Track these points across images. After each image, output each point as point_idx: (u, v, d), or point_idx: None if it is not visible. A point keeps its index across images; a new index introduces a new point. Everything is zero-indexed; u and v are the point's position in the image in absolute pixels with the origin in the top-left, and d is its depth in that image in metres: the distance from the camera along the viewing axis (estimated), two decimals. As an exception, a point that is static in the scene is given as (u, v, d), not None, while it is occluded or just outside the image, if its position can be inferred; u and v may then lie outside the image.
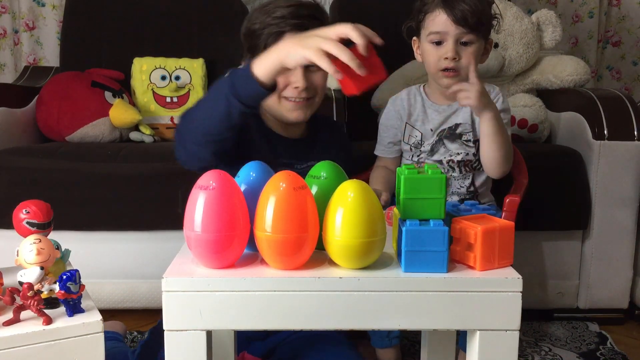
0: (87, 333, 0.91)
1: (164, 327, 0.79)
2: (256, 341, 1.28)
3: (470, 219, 0.83)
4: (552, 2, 2.83)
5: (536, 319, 1.86)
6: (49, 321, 0.90)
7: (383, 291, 0.78)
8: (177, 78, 2.19)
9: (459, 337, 1.38)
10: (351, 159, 1.47)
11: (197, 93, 2.18)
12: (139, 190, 1.72)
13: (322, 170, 0.88)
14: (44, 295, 0.92)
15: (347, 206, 0.77)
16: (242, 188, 0.86)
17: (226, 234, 0.79)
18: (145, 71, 2.19)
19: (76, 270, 0.93)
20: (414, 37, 1.47)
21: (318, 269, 0.81)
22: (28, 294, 0.89)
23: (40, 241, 0.98)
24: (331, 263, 0.82)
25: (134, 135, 2.12)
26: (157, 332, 1.34)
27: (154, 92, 2.19)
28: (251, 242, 0.82)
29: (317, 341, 1.24)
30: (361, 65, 0.87)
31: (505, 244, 0.82)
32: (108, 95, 2.10)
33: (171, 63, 2.21)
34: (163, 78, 2.19)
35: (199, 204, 0.79)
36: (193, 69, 2.20)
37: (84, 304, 0.95)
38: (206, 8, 2.33)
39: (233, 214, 0.79)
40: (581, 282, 1.84)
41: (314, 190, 0.86)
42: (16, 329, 0.88)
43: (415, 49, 1.48)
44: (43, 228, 1.03)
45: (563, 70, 2.11)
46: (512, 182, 1.55)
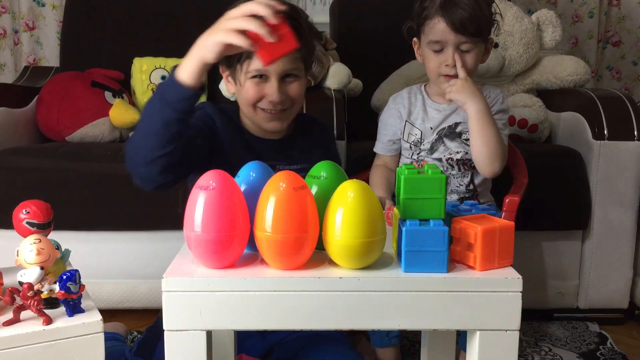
0: (87, 333, 0.91)
1: (164, 327, 0.79)
2: (254, 338, 1.27)
3: (470, 219, 0.83)
4: (552, 2, 2.83)
5: (536, 319, 1.86)
6: (49, 321, 0.90)
7: (383, 291, 0.78)
8: (177, 78, 2.19)
9: (460, 337, 1.38)
10: (337, 157, 1.45)
11: (197, 93, 2.18)
12: (139, 190, 1.71)
13: (322, 170, 0.88)
14: (44, 295, 0.92)
15: (347, 206, 0.77)
16: (242, 188, 0.86)
17: (226, 234, 0.79)
18: (145, 71, 2.19)
19: (76, 270, 0.94)
20: (414, 38, 1.47)
21: (318, 269, 0.81)
22: (28, 294, 0.89)
23: (40, 241, 0.98)
24: (331, 263, 0.82)
25: (134, 135, 2.12)
26: (154, 330, 1.34)
27: (154, 92, 2.18)
28: (251, 242, 0.82)
29: (316, 341, 1.24)
30: (270, 32, 0.92)
31: (505, 244, 0.82)
32: (108, 95, 2.10)
33: (171, 63, 2.21)
34: (163, 78, 2.19)
35: (199, 204, 0.79)
36: (193, 69, 2.20)
37: (84, 304, 0.95)
38: (206, 8, 2.32)
39: (233, 214, 0.79)
40: (581, 282, 1.84)
41: (314, 190, 0.86)
42: (16, 329, 0.88)
43: (415, 50, 1.48)
44: (43, 228, 1.03)
45: (563, 70, 2.11)
46: (512, 182, 1.55)
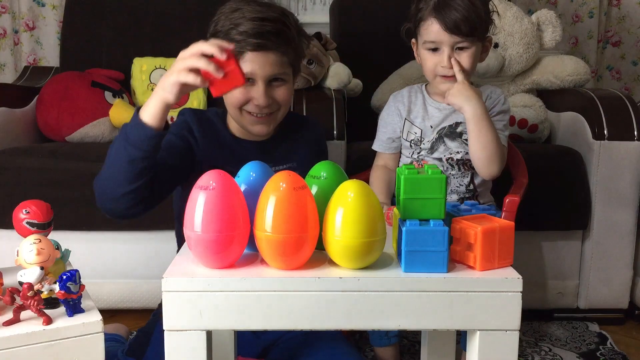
0: (87, 333, 0.91)
1: (164, 327, 0.79)
2: (249, 338, 1.27)
3: (470, 219, 0.83)
4: (552, 2, 2.83)
5: (536, 319, 1.86)
6: (49, 321, 0.90)
7: (383, 291, 0.78)
8: (177, 78, 2.19)
9: (461, 338, 1.38)
10: (325, 153, 1.45)
11: (197, 93, 2.18)
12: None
13: (322, 170, 0.88)
14: (44, 295, 0.92)
15: (347, 206, 0.77)
16: (242, 188, 0.86)
17: (226, 234, 0.79)
18: (145, 71, 2.19)
19: (76, 270, 0.94)
20: (413, 39, 1.47)
21: (318, 269, 0.81)
22: (28, 294, 0.89)
23: (40, 241, 0.98)
24: (331, 263, 0.82)
25: (134, 135, 2.12)
26: (146, 330, 1.35)
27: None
28: (251, 242, 0.82)
29: (313, 339, 1.23)
30: (218, 68, 0.99)
31: (505, 244, 0.82)
32: (108, 95, 2.10)
33: (171, 63, 2.19)
34: (163, 78, 2.19)
35: (199, 204, 0.79)
36: (193, 69, 2.20)
37: (84, 304, 0.95)
38: (206, 8, 2.32)
39: (233, 214, 0.79)
40: (581, 282, 1.84)
41: (314, 190, 0.86)
42: (16, 329, 0.88)
43: (414, 51, 1.48)
44: (43, 228, 1.03)
45: (563, 70, 2.11)
46: (512, 182, 1.55)
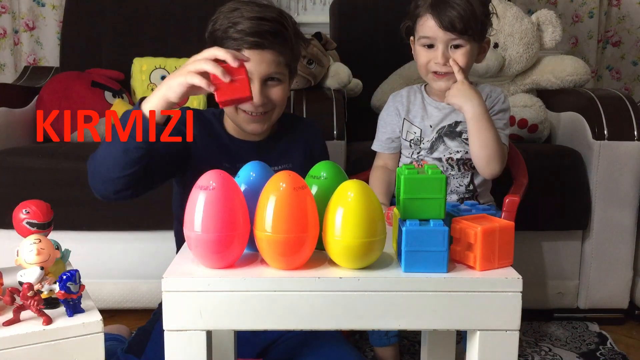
0: (87, 333, 0.91)
1: (164, 327, 0.79)
2: (248, 338, 1.27)
3: (470, 219, 0.83)
4: (552, 2, 2.83)
5: (536, 319, 1.86)
6: (49, 321, 0.90)
7: (383, 291, 0.78)
8: (177, 78, 2.19)
9: (462, 338, 1.38)
10: (325, 155, 1.44)
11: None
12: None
13: (322, 170, 0.88)
14: (44, 295, 0.92)
15: (347, 206, 0.77)
16: (242, 188, 0.86)
17: (226, 234, 0.79)
18: (145, 71, 2.19)
19: (76, 270, 0.93)
20: (412, 37, 1.47)
21: (318, 269, 0.81)
22: (28, 294, 0.89)
23: (40, 241, 0.98)
24: (331, 263, 0.82)
25: (134, 135, 2.12)
26: (145, 329, 1.35)
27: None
28: (251, 242, 0.82)
29: (313, 339, 1.23)
30: (225, 73, 0.98)
31: (505, 244, 0.82)
32: (108, 95, 2.11)
33: (171, 63, 2.21)
34: (163, 78, 2.19)
35: (199, 204, 0.79)
36: (193, 69, 2.20)
37: (84, 304, 0.95)
38: (206, 8, 2.32)
39: (233, 214, 0.79)
40: (581, 282, 1.84)
41: (314, 190, 0.86)
42: (16, 329, 0.88)
43: (412, 48, 1.48)
44: (43, 228, 1.03)
45: (563, 70, 2.11)
46: (512, 182, 1.55)
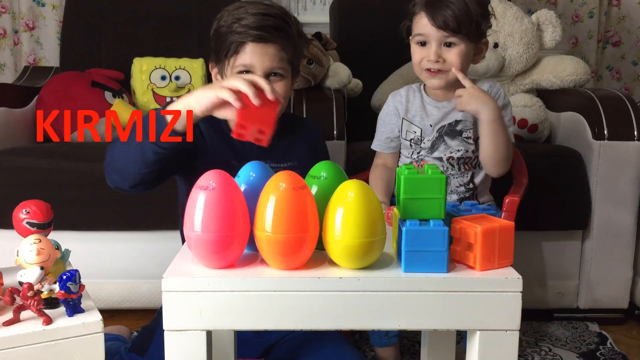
0: (87, 333, 0.91)
1: (164, 327, 0.79)
2: (250, 338, 1.27)
3: (470, 219, 0.83)
4: (552, 2, 2.83)
5: (536, 319, 1.86)
6: (49, 321, 0.90)
7: (383, 291, 0.78)
8: (177, 78, 2.19)
9: (462, 338, 1.38)
10: (325, 154, 1.45)
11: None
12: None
13: (322, 170, 0.88)
14: (44, 295, 0.92)
15: (347, 206, 0.77)
16: (242, 188, 0.86)
17: (226, 234, 0.79)
18: (145, 71, 2.19)
19: (76, 270, 0.93)
20: (410, 36, 1.47)
21: (318, 269, 0.81)
22: (28, 294, 0.89)
23: (40, 241, 0.98)
24: (331, 263, 0.82)
25: (134, 135, 2.12)
26: (149, 328, 1.34)
27: (154, 92, 2.19)
28: (251, 242, 0.82)
29: (314, 339, 1.23)
30: (257, 95, 0.97)
31: (505, 244, 0.82)
32: (108, 95, 2.10)
33: (171, 63, 2.21)
34: (163, 78, 2.19)
35: (199, 204, 0.79)
36: (193, 69, 2.20)
37: (84, 304, 0.95)
38: (206, 8, 2.33)
39: (233, 214, 0.79)
40: (581, 282, 1.84)
41: (314, 190, 0.86)
42: (16, 329, 0.88)
43: (411, 47, 1.48)
44: (43, 228, 1.03)
45: (563, 70, 2.11)
46: (512, 182, 1.55)
